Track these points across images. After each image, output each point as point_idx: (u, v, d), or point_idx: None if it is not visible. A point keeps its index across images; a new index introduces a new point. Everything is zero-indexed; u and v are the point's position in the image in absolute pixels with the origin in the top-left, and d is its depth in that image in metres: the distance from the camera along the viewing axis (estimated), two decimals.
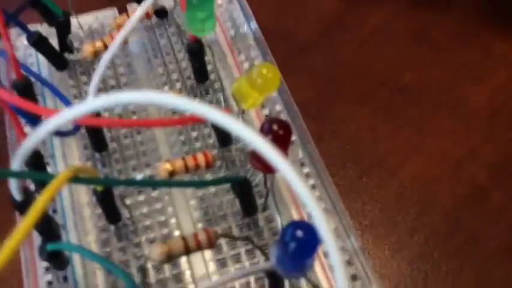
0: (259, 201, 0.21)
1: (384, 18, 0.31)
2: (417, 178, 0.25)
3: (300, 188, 0.12)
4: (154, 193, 0.22)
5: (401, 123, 0.27)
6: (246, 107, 0.20)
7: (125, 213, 0.21)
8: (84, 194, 0.22)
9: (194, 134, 0.24)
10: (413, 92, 0.28)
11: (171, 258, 0.17)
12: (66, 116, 0.15)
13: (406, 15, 0.31)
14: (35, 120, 0.20)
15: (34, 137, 0.15)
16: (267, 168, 0.18)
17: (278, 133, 0.16)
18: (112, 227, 0.21)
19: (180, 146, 0.24)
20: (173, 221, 0.22)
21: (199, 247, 0.17)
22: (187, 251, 0.17)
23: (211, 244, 0.17)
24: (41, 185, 0.18)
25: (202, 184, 0.21)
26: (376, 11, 0.31)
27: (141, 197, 0.22)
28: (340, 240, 0.21)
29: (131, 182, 0.21)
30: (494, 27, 0.30)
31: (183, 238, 0.17)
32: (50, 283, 0.20)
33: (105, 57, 0.21)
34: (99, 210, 0.21)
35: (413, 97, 0.27)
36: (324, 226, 0.12)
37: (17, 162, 0.16)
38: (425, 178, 0.25)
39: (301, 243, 0.14)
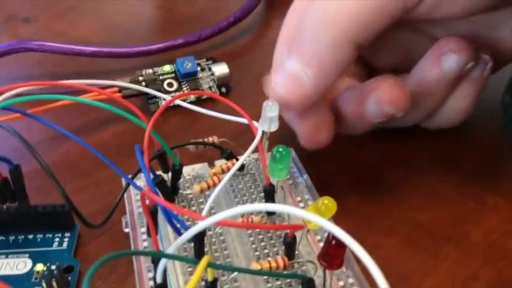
0: None
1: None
2: None
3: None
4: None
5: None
6: (311, 227, 0.29)
7: None
8: None
9: None
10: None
11: None
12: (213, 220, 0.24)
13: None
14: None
15: (189, 233, 0.25)
16: (333, 266, 0.26)
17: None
18: None
19: None
20: None
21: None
22: None
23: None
24: None
25: (274, 275, 0.29)
26: None
27: None
28: None
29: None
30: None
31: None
32: None
33: (216, 190, 0.31)
34: None
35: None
36: None
37: (172, 248, 0.25)
38: None
39: None
